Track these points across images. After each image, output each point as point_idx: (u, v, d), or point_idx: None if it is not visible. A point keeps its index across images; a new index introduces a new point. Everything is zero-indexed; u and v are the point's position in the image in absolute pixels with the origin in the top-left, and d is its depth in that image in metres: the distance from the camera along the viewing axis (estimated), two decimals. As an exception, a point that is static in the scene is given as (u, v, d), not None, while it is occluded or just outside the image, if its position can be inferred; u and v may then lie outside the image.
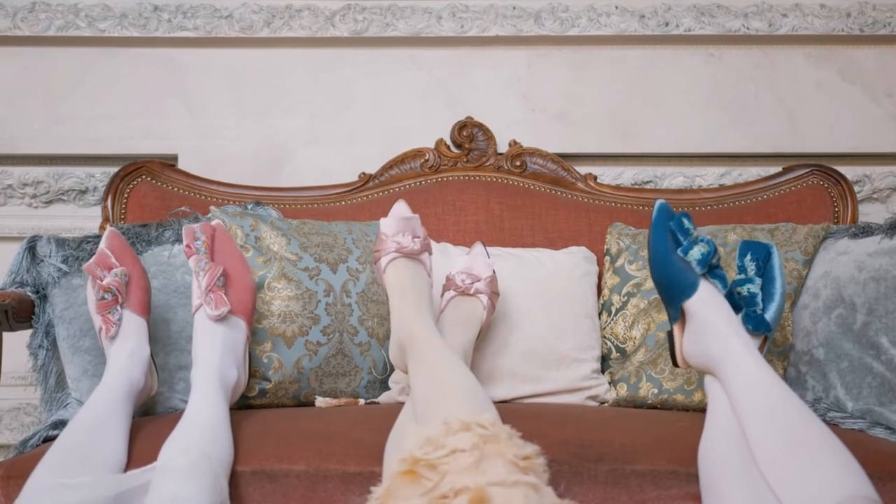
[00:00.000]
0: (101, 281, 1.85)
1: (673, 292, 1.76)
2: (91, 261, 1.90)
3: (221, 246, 1.98)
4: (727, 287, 1.74)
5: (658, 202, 1.81)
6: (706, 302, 1.71)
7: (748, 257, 1.79)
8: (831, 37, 2.87)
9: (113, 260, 1.91)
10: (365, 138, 2.86)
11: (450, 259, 2.30)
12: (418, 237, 1.98)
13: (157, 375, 1.94)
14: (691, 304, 1.73)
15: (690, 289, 1.73)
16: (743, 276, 1.77)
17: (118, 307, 1.86)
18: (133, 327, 1.86)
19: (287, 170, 2.84)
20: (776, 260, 1.80)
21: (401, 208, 2.07)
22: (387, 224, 2.01)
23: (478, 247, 2.21)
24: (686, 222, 1.77)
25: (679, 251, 1.75)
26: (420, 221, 2.04)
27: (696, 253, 1.73)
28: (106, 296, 1.84)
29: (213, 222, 2.03)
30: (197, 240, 1.93)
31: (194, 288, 1.88)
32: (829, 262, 2.11)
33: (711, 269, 1.74)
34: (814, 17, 2.85)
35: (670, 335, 1.82)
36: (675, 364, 1.82)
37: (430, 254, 2.02)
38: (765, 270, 1.79)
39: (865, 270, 1.98)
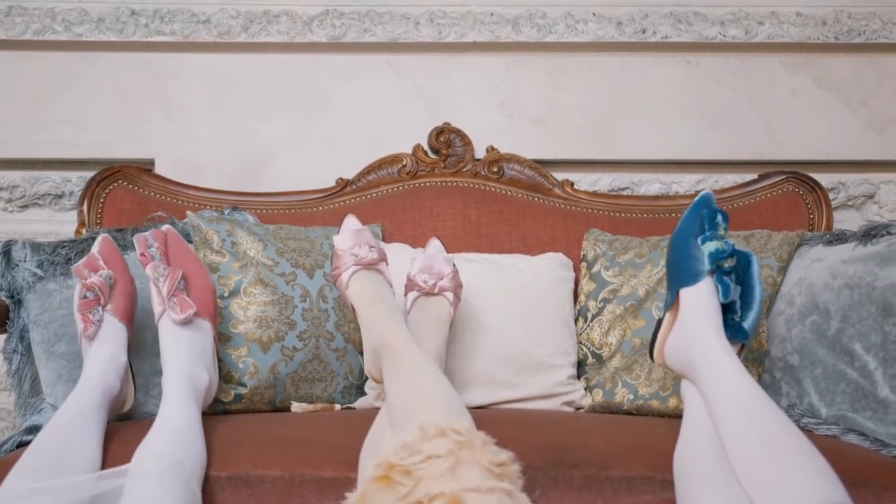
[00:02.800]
0: (86, 280, 1.85)
1: (677, 275, 1.78)
2: (80, 262, 1.90)
3: (175, 250, 1.98)
4: (727, 297, 1.73)
5: (705, 191, 1.84)
6: (700, 299, 1.72)
7: None
8: (807, 45, 2.89)
9: (101, 263, 1.90)
10: (344, 143, 2.85)
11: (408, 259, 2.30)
12: (374, 247, 1.98)
13: (134, 386, 1.93)
14: (686, 295, 1.74)
15: (693, 278, 1.74)
16: None
17: (99, 308, 1.85)
18: (113, 332, 1.85)
19: (267, 175, 2.83)
20: (755, 268, 1.81)
21: (351, 222, 2.07)
22: (341, 240, 2.01)
23: (434, 242, 2.19)
24: (719, 217, 1.79)
25: (698, 238, 1.76)
26: (371, 233, 2.04)
27: (711, 246, 1.74)
28: (88, 294, 1.84)
29: (164, 227, 2.02)
30: (150, 247, 1.92)
31: (153, 295, 1.87)
32: (803, 268, 2.12)
33: (721, 272, 1.75)
34: (790, 25, 2.87)
35: (659, 322, 1.83)
36: (652, 356, 1.83)
37: (387, 263, 2.02)
38: (744, 278, 1.80)
39: (839, 277, 1.99)
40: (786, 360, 2.05)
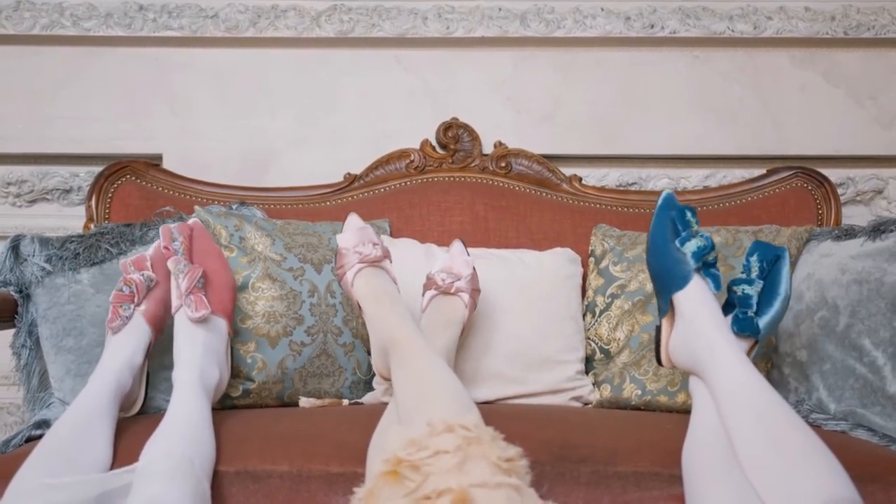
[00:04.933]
0: (128, 275, 1.87)
1: (665, 282, 1.77)
2: (128, 258, 1.92)
3: (199, 245, 1.98)
4: (719, 288, 1.74)
5: (665, 192, 1.83)
6: (696, 297, 1.71)
7: (755, 257, 1.80)
8: (816, 39, 2.88)
9: (148, 264, 1.92)
10: (351, 139, 2.85)
11: (431, 259, 2.30)
12: (377, 244, 1.98)
13: (146, 391, 1.93)
14: (681, 297, 1.73)
15: (682, 281, 1.73)
16: (744, 275, 1.78)
17: (131, 305, 1.85)
18: (138, 332, 1.85)
19: (273, 170, 2.84)
20: (785, 266, 1.80)
21: (354, 220, 2.07)
22: (345, 238, 2.01)
23: (457, 245, 2.20)
24: (689, 215, 1.78)
25: (676, 241, 1.75)
26: (374, 231, 2.04)
27: (692, 245, 1.73)
28: (124, 288, 1.85)
29: (190, 221, 2.03)
30: (175, 240, 1.93)
31: (173, 288, 1.88)
32: (812, 264, 2.12)
33: (707, 266, 1.74)
34: (798, 20, 2.87)
35: (658, 330, 1.82)
36: (659, 362, 1.82)
37: (391, 261, 2.02)
38: (769, 273, 1.79)
39: (848, 273, 1.99)
40: (794, 355, 2.05)
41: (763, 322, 1.73)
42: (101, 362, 1.80)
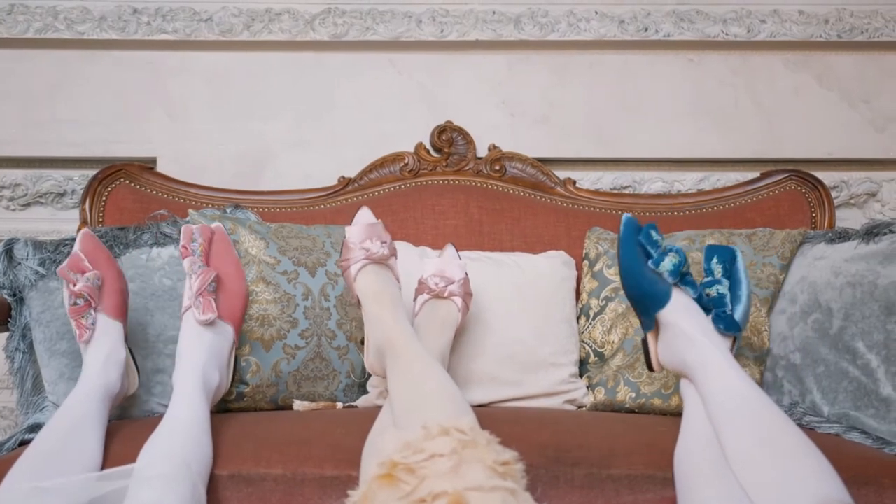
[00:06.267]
0: (74, 286, 1.84)
1: (647, 303, 1.77)
2: (64, 264, 1.88)
3: (218, 250, 1.98)
4: (697, 291, 1.75)
5: (624, 216, 1.82)
6: (680, 310, 1.73)
7: (714, 261, 1.81)
8: (809, 43, 2.89)
9: (86, 263, 1.89)
10: (346, 142, 2.85)
11: (411, 257, 2.30)
12: (385, 242, 1.98)
13: (138, 374, 1.93)
14: (665, 313, 1.74)
15: (664, 298, 1.74)
16: (710, 278, 1.79)
17: (91, 311, 1.84)
18: (108, 331, 1.84)
19: (269, 173, 2.84)
20: (740, 263, 1.82)
21: (365, 215, 2.06)
22: (353, 232, 2.00)
23: (449, 249, 2.20)
24: (654, 234, 1.79)
25: (650, 263, 1.76)
26: (384, 227, 2.03)
27: (667, 264, 1.74)
28: (78, 301, 1.83)
29: (213, 224, 2.02)
30: (193, 241, 1.92)
31: (186, 289, 1.88)
32: (806, 267, 2.12)
33: (682, 276, 1.75)
34: (792, 24, 2.87)
35: (644, 342, 1.83)
36: (651, 369, 1.83)
37: (396, 258, 2.02)
38: (731, 272, 1.80)
39: (842, 276, 1.99)
40: (788, 358, 2.05)
41: (738, 317, 1.74)
42: (84, 367, 1.80)
